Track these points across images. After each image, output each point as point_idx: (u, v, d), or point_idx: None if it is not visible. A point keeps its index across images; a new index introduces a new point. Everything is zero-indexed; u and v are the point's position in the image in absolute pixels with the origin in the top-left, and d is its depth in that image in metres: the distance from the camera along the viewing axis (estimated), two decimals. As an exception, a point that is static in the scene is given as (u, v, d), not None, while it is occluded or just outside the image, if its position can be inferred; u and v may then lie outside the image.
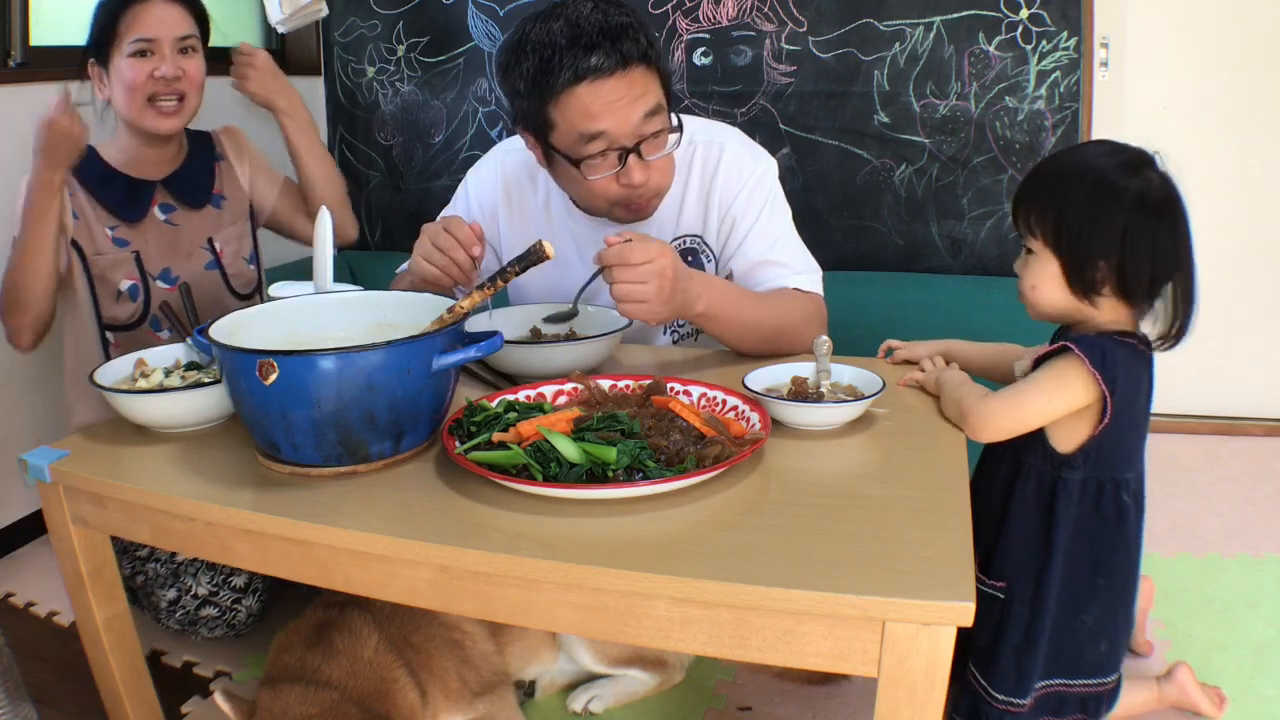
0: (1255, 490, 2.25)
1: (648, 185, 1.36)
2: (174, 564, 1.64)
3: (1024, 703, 1.23)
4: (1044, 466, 1.21)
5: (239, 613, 1.64)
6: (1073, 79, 2.31)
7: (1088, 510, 1.20)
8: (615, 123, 1.28)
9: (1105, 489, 1.20)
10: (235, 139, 1.84)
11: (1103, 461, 1.18)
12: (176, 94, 1.58)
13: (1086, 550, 1.21)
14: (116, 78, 1.56)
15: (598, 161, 1.32)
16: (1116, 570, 1.22)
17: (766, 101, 2.53)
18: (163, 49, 1.55)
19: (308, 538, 0.92)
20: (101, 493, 1.06)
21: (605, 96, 1.27)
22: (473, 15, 2.74)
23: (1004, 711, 1.24)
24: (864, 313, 2.16)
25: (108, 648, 1.16)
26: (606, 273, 1.18)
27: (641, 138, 1.31)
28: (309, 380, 0.95)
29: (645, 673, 1.48)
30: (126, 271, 1.62)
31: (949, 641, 0.76)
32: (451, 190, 1.66)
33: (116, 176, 1.63)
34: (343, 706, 1.14)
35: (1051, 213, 1.14)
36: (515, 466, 0.95)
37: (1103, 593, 1.22)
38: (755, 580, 0.78)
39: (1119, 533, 1.21)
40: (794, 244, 1.48)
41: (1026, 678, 1.23)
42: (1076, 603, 1.22)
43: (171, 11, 1.56)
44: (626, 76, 1.27)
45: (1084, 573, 1.21)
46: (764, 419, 1.04)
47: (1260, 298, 2.53)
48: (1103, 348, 1.12)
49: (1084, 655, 1.24)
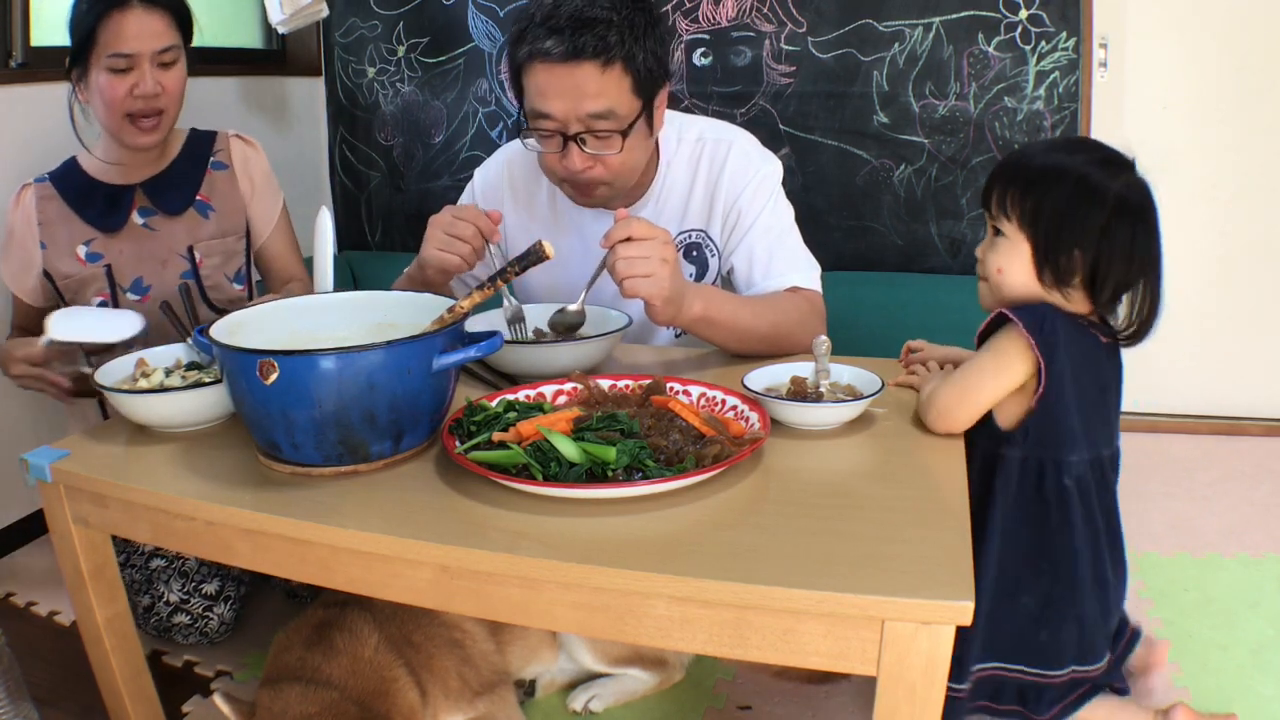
0: (1255, 490, 2.25)
1: (589, 174, 1.37)
2: (147, 570, 1.64)
3: (962, 687, 1.21)
4: (986, 443, 1.18)
5: (211, 620, 1.63)
6: (1072, 79, 2.32)
7: (1029, 491, 1.17)
8: (557, 109, 1.31)
9: (1045, 470, 1.17)
10: (250, 155, 1.76)
11: (1043, 441, 1.15)
12: (155, 110, 1.53)
13: (1026, 532, 1.18)
14: (95, 90, 1.51)
15: (543, 138, 1.36)
16: (1061, 558, 1.19)
17: (766, 102, 2.53)
18: (142, 64, 1.49)
19: (308, 537, 0.93)
20: (102, 492, 1.06)
21: (554, 81, 1.30)
22: (473, 16, 2.74)
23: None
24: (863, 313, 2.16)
25: (109, 647, 1.16)
26: (610, 258, 1.18)
27: (587, 129, 1.32)
28: (309, 380, 0.95)
29: (645, 672, 1.48)
30: (97, 288, 1.60)
31: (948, 640, 0.76)
32: (452, 190, 1.66)
33: (97, 187, 1.61)
34: (343, 706, 1.14)
35: (1031, 198, 1.13)
36: (515, 466, 0.95)
37: (1046, 577, 1.19)
38: (755, 580, 0.78)
39: (1061, 516, 1.17)
40: (795, 241, 1.50)
41: (961, 662, 1.19)
42: (1017, 584, 1.19)
43: (152, 21, 1.49)
44: (576, 69, 1.28)
45: (1024, 554, 1.19)
46: (763, 419, 1.04)
47: (1260, 298, 2.53)
48: (1042, 316, 1.10)
49: (1023, 638, 1.21)
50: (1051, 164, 1.14)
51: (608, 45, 1.27)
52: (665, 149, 1.51)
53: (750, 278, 1.48)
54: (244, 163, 1.75)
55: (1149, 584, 1.80)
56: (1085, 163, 1.12)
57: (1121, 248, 1.11)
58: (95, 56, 1.48)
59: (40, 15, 2.06)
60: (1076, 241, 1.11)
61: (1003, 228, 1.17)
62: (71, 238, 1.59)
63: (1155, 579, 1.67)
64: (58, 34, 2.09)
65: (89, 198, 1.60)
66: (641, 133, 1.38)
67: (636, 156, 1.40)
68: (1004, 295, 1.19)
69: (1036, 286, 1.15)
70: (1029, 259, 1.14)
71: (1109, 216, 1.10)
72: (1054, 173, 1.13)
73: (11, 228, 1.59)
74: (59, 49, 2.06)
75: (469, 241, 1.30)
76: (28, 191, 1.59)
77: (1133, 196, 1.12)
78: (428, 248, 1.33)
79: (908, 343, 1.36)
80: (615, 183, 1.42)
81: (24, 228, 1.59)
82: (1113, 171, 1.12)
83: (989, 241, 1.20)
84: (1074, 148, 1.16)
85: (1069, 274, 1.13)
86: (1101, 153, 1.14)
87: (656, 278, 1.17)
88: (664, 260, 1.17)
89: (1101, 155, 1.14)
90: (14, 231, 1.60)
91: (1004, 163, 1.19)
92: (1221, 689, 1.47)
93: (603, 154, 1.35)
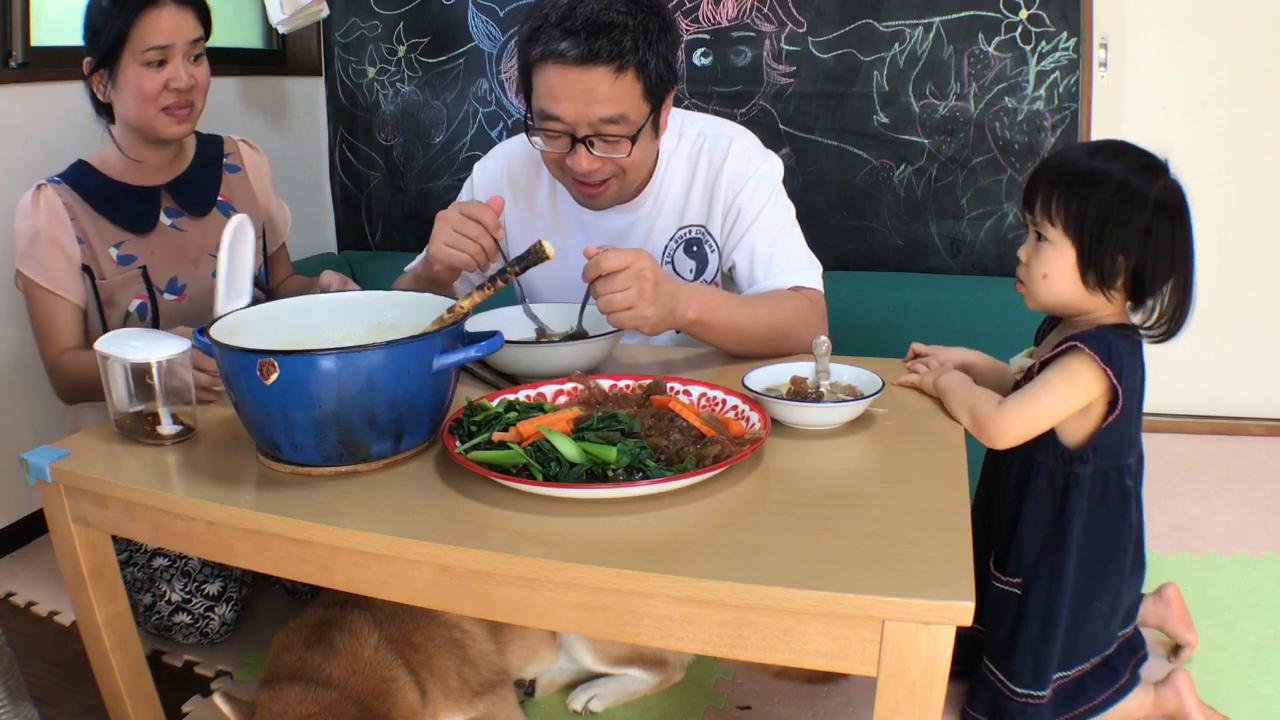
0: (1255, 490, 2.25)
1: (595, 174, 1.37)
2: (150, 569, 1.63)
3: (1043, 694, 1.26)
4: (1055, 463, 1.23)
5: (212, 621, 1.63)
6: (1072, 79, 2.32)
7: (1097, 501, 1.23)
8: (568, 112, 1.30)
9: (1110, 478, 1.23)
10: (258, 161, 1.80)
11: (1109, 452, 1.21)
12: (188, 103, 1.55)
13: (1098, 540, 1.24)
14: (127, 86, 1.51)
15: (549, 138, 1.36)
16: (1124, 553, 1.26)
17: (766, 102, 2.53)
18: (175, 57, 1.51)
19: (308, 537, 0.93)
20: (102, 492, 1.06)
21: (565, 84, 1.29)
22: (473, 16, 2.74)
23: (1024, 704, 1.26)
24: (863, 313, 2.16)
25: (109, 647, 1.16)
26: (592, 288, 1.20)
27: (596, 133, 1.32)
28: (310, 380, 0.95)
29: (645, 672, 1.48)
30: (135, 291, 1.58)
31: (948, 640, 0.76)
32: (451, 190, 1.66)
33: (119, 188, 1.59)
34: (342, 706, 1.14)
35: (1075, 202, 1.15)
36: (515, 466, 0.95)
37: (1114, 578, 1.26)
38: (755, 579, 0.78)
39: (1123, 517, 1.24)
40: (796, 239, 1.50)
41: (1044, 670, 1.25)
42: (1090, 591, 1.25)
43: (184, 16, 1.52)
44: (590, 73, 1.27)
45: (1097, 562, 1.24)
46: (763, 419, 1.04)
47: (1260, 297, 2.53)
48: (1107, 342, 1.14)
49: (1098, 638, 1.28)
50: (1093, 168, 1.16)
51: (622, 50, 1.27)
52: (665, 145, 1.51)
53: (752, 275, 1.48)
54: (255, 167, 1.79)
55: (1149, 584, 1.80)
56: (1125, 168, 1.15)
57: (1163, 249, 1.14)
58: (128, 52, 1.49)
59: (40, 15, 2.06)
60: (1121, 245, 1.14)
61: (1046, 232, 1.18)
62: (103, 239, 1.57)
63: (1155, 579, 1.67)
64: (58, 34, 2.09)
65: (113, 199, 1.58)
66: (648, 135, 1.39)
67: (643, 158, 1.41)
68: (1044, 300, 1.22)
69: (1078, 292, 1.18)
70: (1073, 263, 1.17)
71: (1150, 220, 1.13)
72: (1096, 177, 1.15)
73: (37, 229, 1.53)
74: (59, 49, 2.07)
75: (477, 240, 1.30)
76: (47, 190, 1.54)
77: (1171, 199, 1.15)
78: (435, 243, 1.32)
79: (914, 345, 1.37)
80: (621, 183, 1.42)
81: (54, 225, 1.53)
82: (1151, 176, 1.15)
83: (1032, 246, 1.22)
84: (1114, 152, 1.18)
85: (1113, 277, 1.15)
86: (1139, 158, 1.17)
87: (638, 309, 1.19)
88: (641, 290, 1.19)
89: (1139, 160, 1.16)
90: (40, 232, 1.53)
91: (1044, 167, 1.21)
92: (1221, 689, 1.47)
93: (611, 156, 1.35)
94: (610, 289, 1.18)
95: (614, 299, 1.18)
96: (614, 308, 1.19)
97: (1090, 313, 1.20)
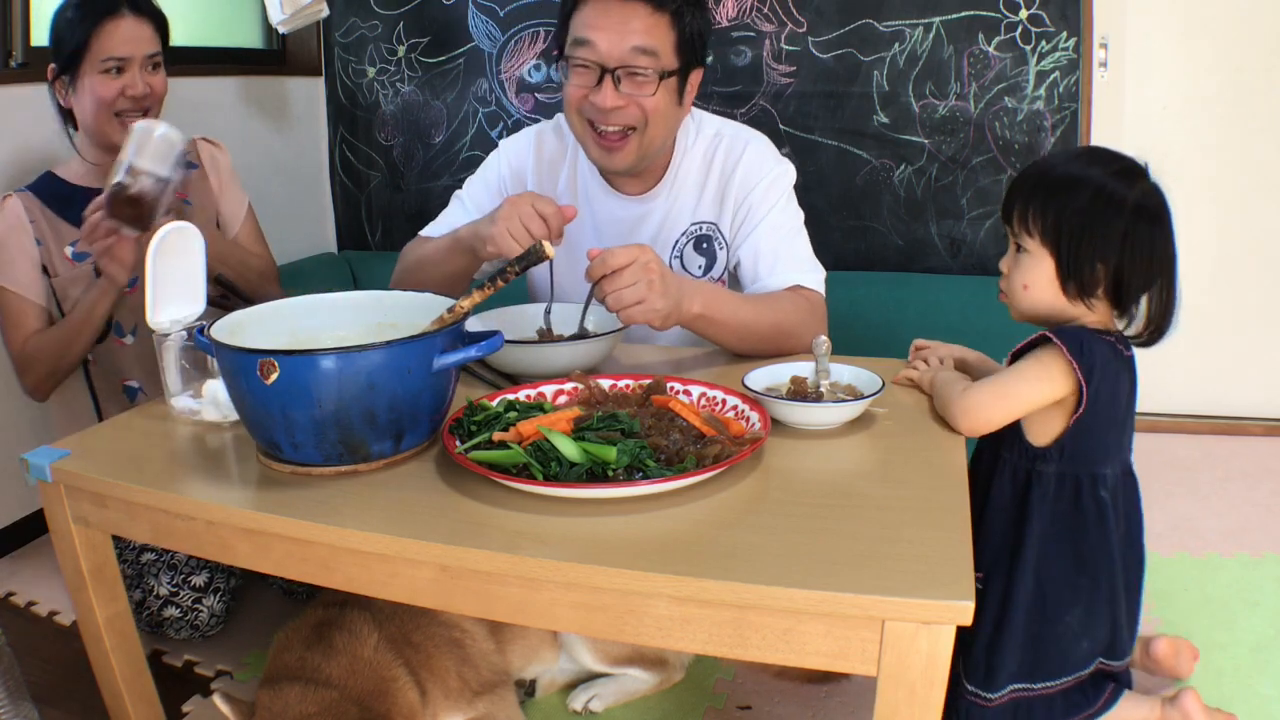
0: (1255, 490, 2.25)
1: (615, 114, 1.39)
2: (139, 565, 1.65)
3: (991, 697, 1.22)
4: (1019, 460, 1.21)
5: (201, 613, 1.65)
6: (1072, 79, 2.32)
7: (1066, 506, 1.19)
8: (602, 39, 1.35)
9: (1083, 484, 1.19)
10: (216, 155, 1.85)
11: (1078, 456, 1.18)
12: (143, 109, 1.62)
13: (1067, 548, 1.20)
14: (86, 92, 1.59)
15: (578, 69, 1.39)
16: (1101, 569, 1.21)
17: (766, 102, 2.53)
18: (133, 67, 1.59)
19: (308, 537, 0.93)
20: (102, 492, 1.06)
21: (606, 14, 1.36)
22: (473, 15, 2.74)
23: (971, 702, 1.23)
24: (863, 313, 2.17)
25: (109, 647, 1.16)
26: (598, 289, 1.20)
27: (624, 66, 1.36)
28: (310, 380, 0.95)
29: (645, 672, 1.48)
30: (86, 286, 1.61)
31: (948, 640, 0.76)
32: (452, 190, 1.66)
33: (78, 192, 1.64)
34: (342, 705, 1.14)
35: (1052, 212, 1.15)
36: (515, 466, 0.95)
37: (1086, 592, 1.21)
38: (755, 579, 0.78)
39: (1100, 529, 1.20)
40: (803, 243, 1.51)
41: (996, 673, 1.21)
42: (1058, 601, 1.21)
43: (142, 29, 1.60)
44: (628, 6, 1.35)
45: (1065, 571, 1.20)
46: (763, 418, 1.04)
47: (1260, 298, 2.53)
48: (1081, 339, 1.12)
49: (1068, 656, 1.23)
50: (1069, 176, 1.15)
51: None
52: (683, 139, 1.54)
53: (755, 273, 1.49)
54: (212, 162, 1.85)
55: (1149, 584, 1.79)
56: (1102, 175, 1.14)
57: (1143, 254, 1.13)
58: (88, 61, 1.57)
59: (40, 15, 2.06)
60: (1099, 252, 1.13)
61: (1025, 243, 1.18)
62: (59, 240, 1.64)
63: (1155, 579, 1.68)
64: (58, 34, 2.10)
65: (70, 202, 1.64)
66: (673, 91, 1.41)
67: (664, 112, 1.42)
68: (1026, 311, 1.21)
69: (1059, 301, 1.17)
70: (1053, 273, 1.16)
71: (1128, 225, 1.12)
72: (1072, 185, 1.14)
73: (2, 237, 1.62)
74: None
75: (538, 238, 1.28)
76: (12, 198, 1.65)
77: (1149, 203, 1.14)
78: (499, 226, 1.29)
79: (916, 341, 1.36)
80: (640, 141, 1.43)
81: (17, 230, 1.63)
82: (1129, 180, 1.13)
83: (1012, 257, 1.21)
84: (1089, 159, 1.18)
85: (1093, 285, 1.14)
86: (1117, 163, 1.16)
87: (648, 301, 1.19)
88: (650, 283, 1.19)
89: (1116, 166, 1.15)
90: (5, 239, 1.62)
91: (1021, 178, 1.20)
92: (1221, 689, 1.47)
93: (636, 95, 1.38)
94: (618, 285, 1.18)
95: (623, 295, 1.18)
96: (624, 303, 1.18)
97: (1074, 320, 1.18)
